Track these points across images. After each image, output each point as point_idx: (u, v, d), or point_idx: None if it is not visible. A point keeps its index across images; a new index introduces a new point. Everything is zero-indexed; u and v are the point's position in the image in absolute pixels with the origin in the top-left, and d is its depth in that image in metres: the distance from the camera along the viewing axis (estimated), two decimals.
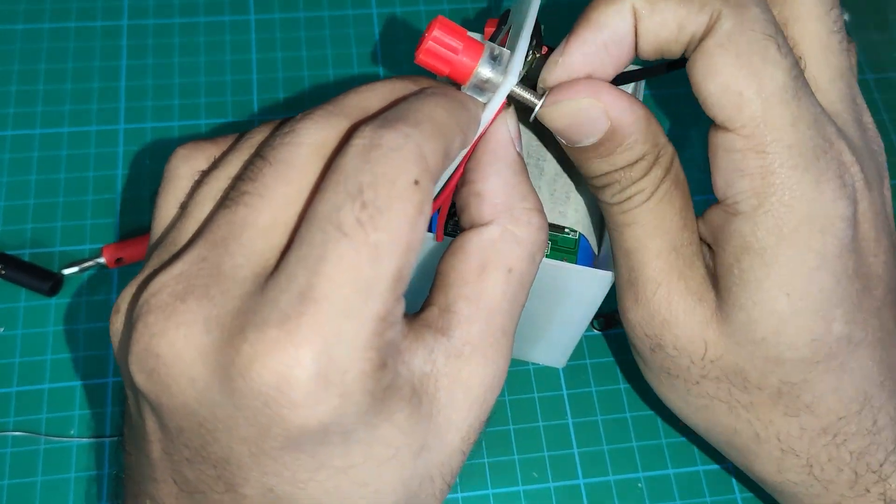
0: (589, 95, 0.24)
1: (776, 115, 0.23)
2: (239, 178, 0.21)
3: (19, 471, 0.35)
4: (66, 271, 0.39)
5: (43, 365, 0.38)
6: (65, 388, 0.37)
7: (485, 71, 0.24)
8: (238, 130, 0.44)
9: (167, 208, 0.24)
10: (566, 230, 0.30)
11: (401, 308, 0.20)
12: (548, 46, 0.27)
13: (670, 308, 0.26)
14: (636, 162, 0.25)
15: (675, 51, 0.25)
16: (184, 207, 0.23)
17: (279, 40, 0.47)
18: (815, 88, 0.26)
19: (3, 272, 0.39)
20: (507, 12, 0.29)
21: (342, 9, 0.49)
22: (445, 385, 0.22)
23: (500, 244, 0.23)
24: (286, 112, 0.45)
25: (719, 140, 0.24)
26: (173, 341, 0.19)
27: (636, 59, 0.26)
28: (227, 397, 0.19)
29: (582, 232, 0.30)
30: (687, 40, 0.24)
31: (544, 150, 0.31)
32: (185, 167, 0.24)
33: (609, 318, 0.40)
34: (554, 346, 0.37)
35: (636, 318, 0.27)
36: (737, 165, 0.24)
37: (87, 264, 0.39)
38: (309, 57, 0.47)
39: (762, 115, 0.23)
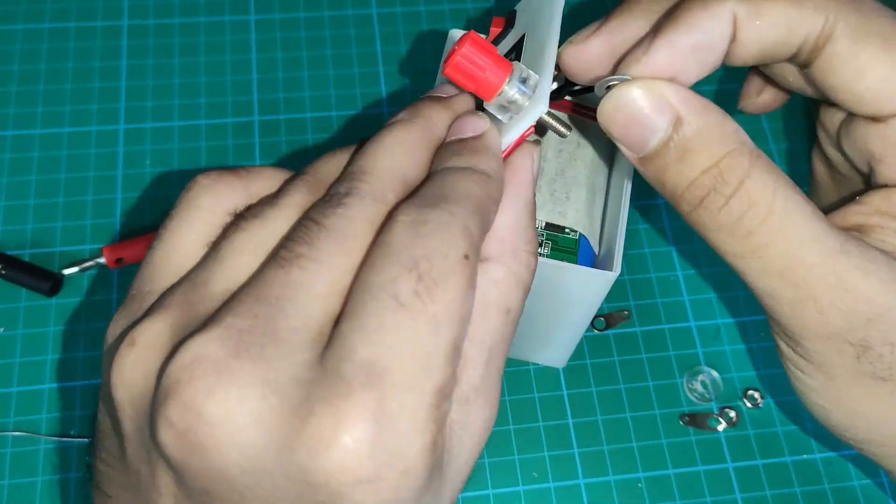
0: (640, 87, 0.23)
1: None
2: (290, 239, 0.21)
3: (19, 471, 0.35)
4: (66, 271, 0.39)
5: (43, 365, 0.38)
6: (65, 388, 0.37)
7: (511, 92, 0.24)
8: (238, 129, 0.44)
9: (183, 239, 0.22)
10: (566, 230, 0.30)
11: (454, 383, 0.20)
12: None
13: (870, 305, 0.23)
14: (724, 159, 0.22)
15: (781, 54, 0.24)
16: (217, 250, 0.21)
17: (279, 40, 0.47)
18: None
19: (3, 272, 0.39)
20: (513, 13, 0.29)
21: (342, 9, 0.49)
22: (457, 433, 0.21)
23: (504, 285, 0.22)
24: (286, 112, 0.45)
25: (893, 128, 0.23)
26: (224, 401, 0.18)
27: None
28: (283, 470, 0.18)
29: (582, 232, 0.30)
30: (798, 43, 0.23)
31: (545, 149, 0.31)
32: (207, 198, 0.23)
33: (609, 318, 0.40)
34: (554, 346, 0.37)
35: (829, 329, 0.23)
36: None
37: (87, 264, 0.39)
38: (309, 57, 0.47)
39: None
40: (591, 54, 0.24)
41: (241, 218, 0.22)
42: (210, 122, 0.45)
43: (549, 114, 0.24)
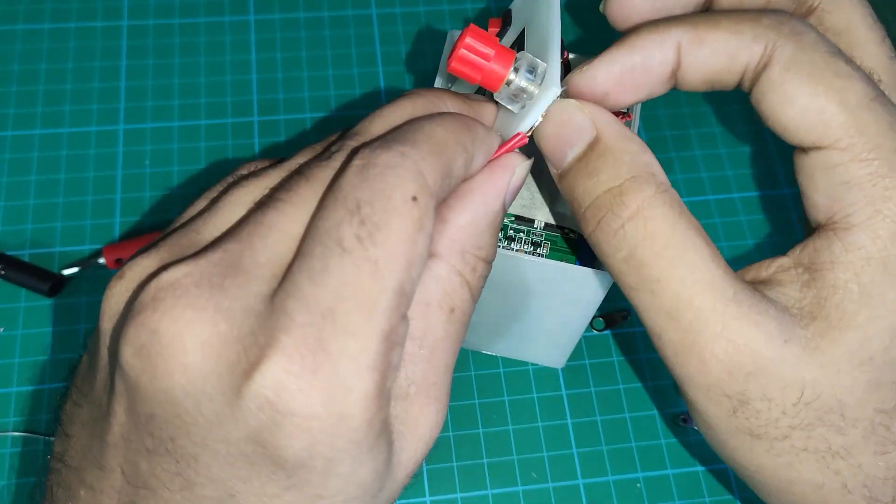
0: (576, 101, 0.24)
1: (869, 122, 0.22)
2: (275, 189, 0.22)
3: (19, 471, 0.35)
4: (66, 271, 0.39)
5: (43, 365, 0.38)
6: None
7: (521, 81, 0.24)
8: (238, 129, 0.44)
9: (204, 201, 0.24)
10: (566, 230, 0.30)
11: (405, 328, 0.20)
12: (566, 51, 0.27)
13: (753, 358, 0.23)
14: (627, 181, 0.23)
15: (726, 82, 0.24)
16: (215, 202, 0.23)
17: (279, 40, 0.47)
18: None
19: (3, 272, 0.39)
20: (509, 12, 0.29)
21: (342, 9, 0.49)
22: (396, 427, 0.21)
23: (447, 283, 0.22)
24: (286, 112, 0.45)
25: (813, 160, 0.23)
26: (176, 321, 0.19)
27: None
28: (221, 394, 0.19)
29: (582, 232, 0.31)
30: (741, 70, 0.24)
31: None
32: (242, 170, 0.24)
33: (609, 318, 0.40)
34: (553, 347, 0.37)
35: (709, 380, 0.23)
36: (840, 179, 0.23)
37: (87, 264, 0.40)
38: (309, 57, 0.47)
39: (854, 124, 0.22)
40: (596, 81, 0.25)
41: (243, 177, 0.23)
42: (210, 123, 0.45)
43: (560, 97, 0.24)
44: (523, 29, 0.27)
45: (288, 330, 0.19)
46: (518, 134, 0.24)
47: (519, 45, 0.27)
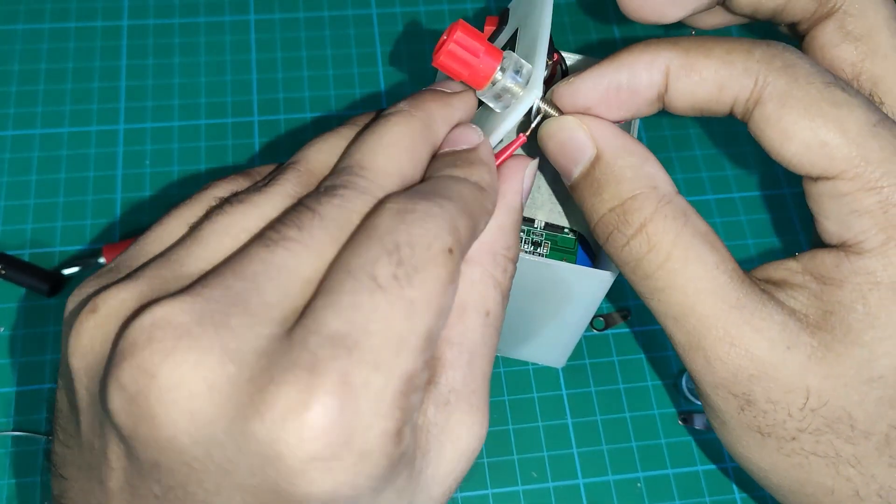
0: (573, 119, 0.24)
1: (874, 149, 0.22)
2: (281, 222, 0.20)
3: (19, 471, 0.35)
4: (66, 271, 0.39)
5: (43, 365, 0.38)
6: None
7: (506, 81, 0.24)
8: (238, 129, 0.44)
9: (179, 221, 0.22)
10: (565, 230, 0.30)
11: (426, 375, 0.20)
12: (558, 52, 0.28)
13: (754, 362, 0.23)
14: (628, 200, 0.24)
15: (715, 110, 0.24)
16: (198, 230, 0.21)
17: (279, 40, 0.47)
18: None
19: (3, 272, 0.39)
20: (506, 11, 0.29)
21: (342, 9, 0.49)
22: (435, 436, 0.21)
23: (480, 286, 0.22)
24: (286, 112, 0.45)
25: (821, 189, 0.23)
26: (180, 364, 0.18)
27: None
28: (234, 440, 0.18)
29: (582, 232, 0.31)
30: (730, 101, 0.24)
31: None
32: (214, 189, 0.23)
33: (609, 318, 0.40)
34: (553, 346, 0.37)
35: (715, 379, 0.24)
36: (851, 207, 0.23)
37: (87, 264, 0.39)
38: (309, 57, 0.47)
39: (859, 154, 0.22)
40: (579, 95, 0.25)
41: (227, 202, 0.22)
42: (210, 122, 0.45)
43: (542, 99, 0.25)
44: (517, 29, 0.27)
45: (311, 368, 0.18)
46: (519, 136, 0.24)
47: (511, 44, 0.27)
